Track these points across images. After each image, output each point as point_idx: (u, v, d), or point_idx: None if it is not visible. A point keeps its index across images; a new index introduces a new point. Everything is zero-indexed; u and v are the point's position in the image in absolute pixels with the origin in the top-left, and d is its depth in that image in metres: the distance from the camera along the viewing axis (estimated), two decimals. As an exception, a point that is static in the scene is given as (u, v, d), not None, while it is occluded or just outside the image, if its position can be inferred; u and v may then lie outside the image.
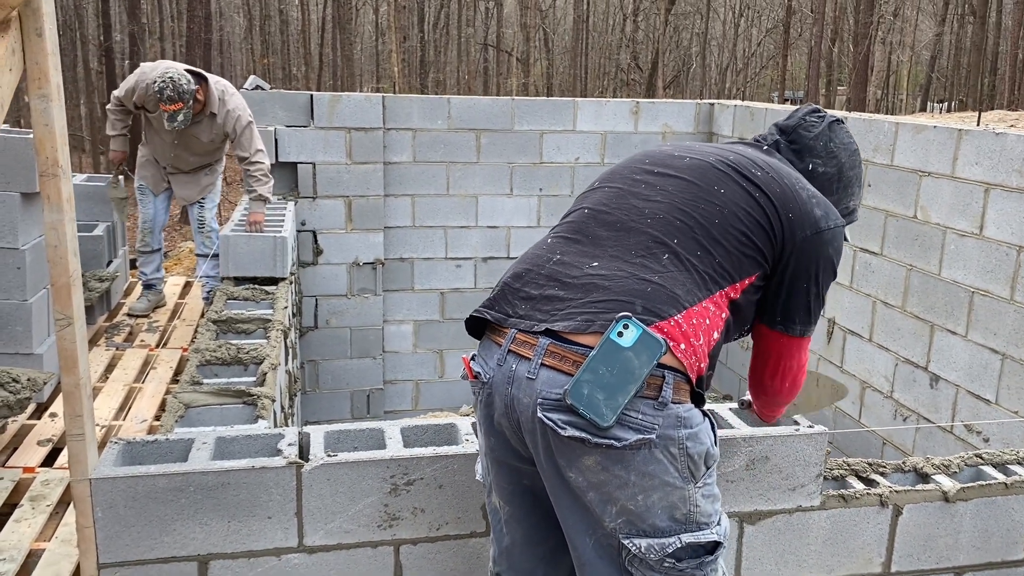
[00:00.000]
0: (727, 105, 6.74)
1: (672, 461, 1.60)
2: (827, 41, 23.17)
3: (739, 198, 1.79)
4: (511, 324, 1.69)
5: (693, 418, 1.63)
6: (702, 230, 1.74)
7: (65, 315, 1.95)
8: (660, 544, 1.61)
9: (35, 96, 1.84)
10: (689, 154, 1.90)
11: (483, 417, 1.76)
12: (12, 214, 3.90)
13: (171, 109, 4.73)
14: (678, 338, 1.60)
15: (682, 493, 1.62)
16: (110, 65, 17.13)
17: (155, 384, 4.39)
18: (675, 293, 1.65)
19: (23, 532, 2.99)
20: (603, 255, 1.72)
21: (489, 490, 1.88)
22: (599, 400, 1.53)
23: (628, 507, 1.60)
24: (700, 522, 1.65)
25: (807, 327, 1.89)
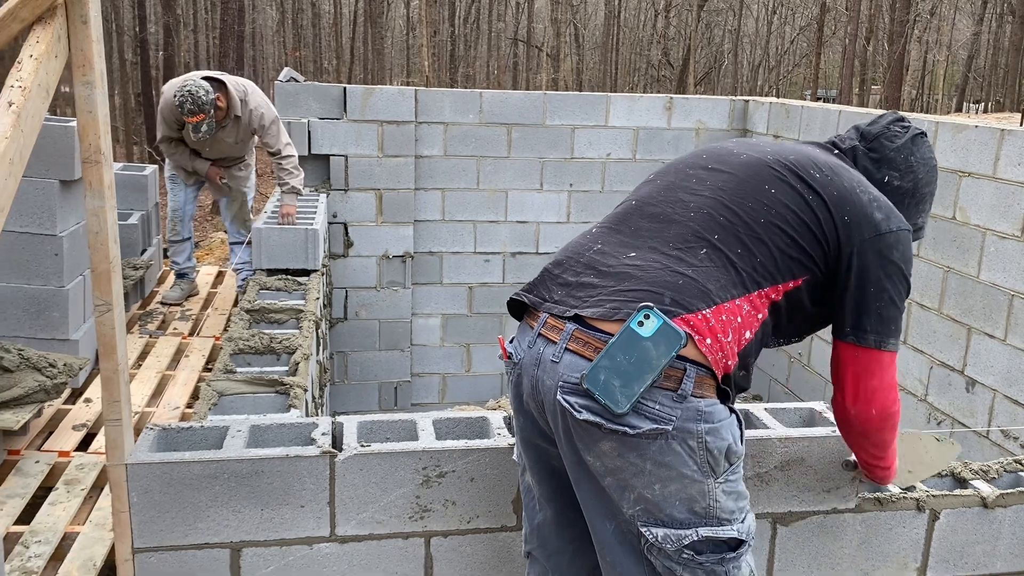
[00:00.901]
0: (762, 102, 6.67)
1: (691, 454, 1.59)
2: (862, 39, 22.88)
3: (789, 199, 1.76)
4: (545, 308, 1.72)
5: (716, 413, 1.61)
6: (745, 228, 1.72)
7: (105, 300, 1.97)
8: (677, 535, 1.61)
9: (79, 83, 1.85)
10: (748, 151, 1.86)
11: (513, 397, 1.80)
12: (51, 201, 3.95)
13: (194, 121, 4.82)
14: (704, 332, 1.60)
15: (701, 487, 1.61)
16: (144, 56, 17.32)
17: (188, 372, 4.43)
18: (707, 288, 1.64)
19: (58, 515, 3.03)
20: (642, 246, 1.73)
21: (523, 469, 1.92)
22: (615, 387, 1.55)
23: (645, 495, 1.61)
24: (720, 517, 1.64)
25: (882, 337, 1.78)
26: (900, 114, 2.03)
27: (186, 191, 5.48)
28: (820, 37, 24.01)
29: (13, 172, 1.59)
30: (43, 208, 3.95)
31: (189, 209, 5.58)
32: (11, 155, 1.58)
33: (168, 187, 5.49)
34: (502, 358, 1.82)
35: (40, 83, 1.69)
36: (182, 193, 5.48)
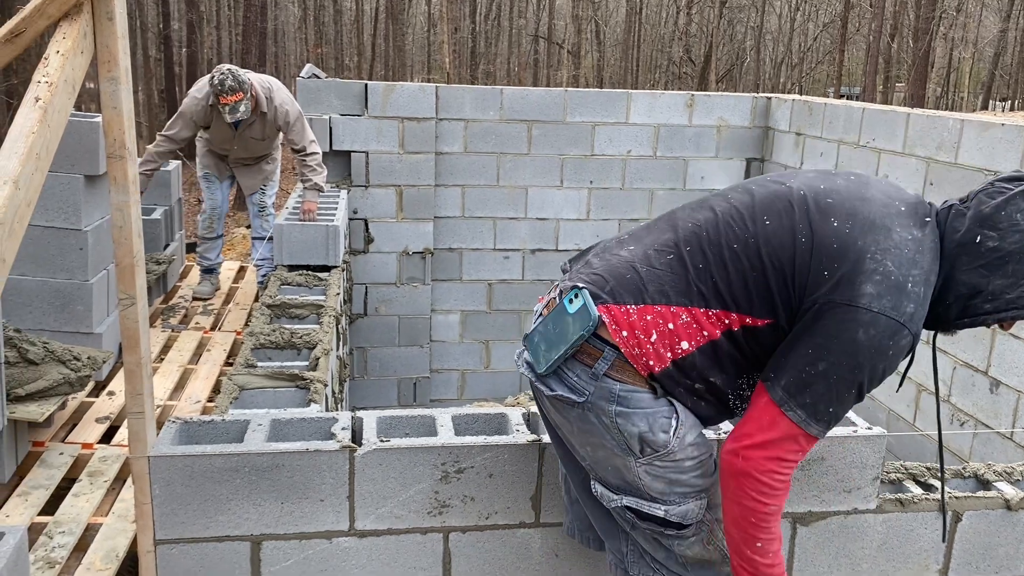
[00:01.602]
0: (784, 99, 6.62)
1: (606, 430, 1.72)
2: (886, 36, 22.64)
3: (780, 235, 1.68)
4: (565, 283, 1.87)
5: (634, 400, 1.70)
6: (716, 249, 1.73)
7: (129, 295, 1.99)
8: (609, 496, 1.80)
9: (105, 79, 1.87)
10: (798, 183, 1.76)
11: None
12: (76, 196, 3.99)
13: (232, 100, 4.80)
14: (621, 324, 1.70)
15: (624, 461, 1.74)
16: (168, 53, 17.46)
17: (209, 366, 4.47)
18: (644, 287, 1.73)
19: (81, 506, 3.06)
20: (638, 244, 1.83)
21: None
22: (541, 350, 1.76)
23: (582, 454, 1.81)
24: (647, 495, 1.75)
25: (794, 403, 1.60)
26: (1020, 172, 1.72)
27: (222, 189, 5.52)
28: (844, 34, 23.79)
29: (40, 167, 1.61)
30: (68, 203, 3.99)
31: (225, 207, 5.66)
32: (38, 150, 1.60)
33: (204, 186, 5.52)
34: None
35: (67, 79, 1.71)
36: (219, 192, 5.53)
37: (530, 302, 6.78)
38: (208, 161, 5.42)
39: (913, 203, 1.73)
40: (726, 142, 6.73)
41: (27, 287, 3.98)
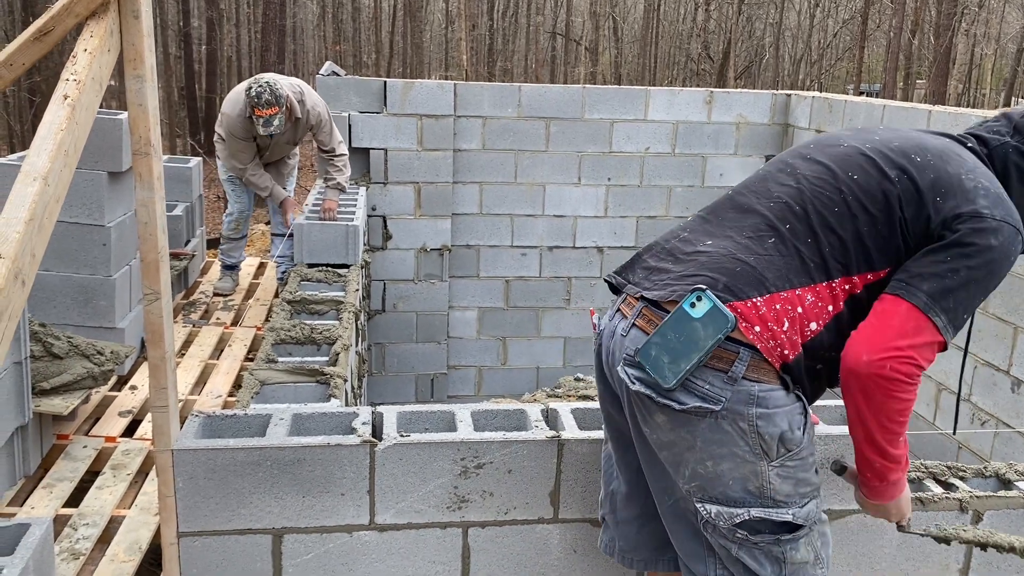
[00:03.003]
0: (804, 96, 6.59)
1: (742, 435, 1.62)
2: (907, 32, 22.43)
3: (874, 186, 1.69)
4: (626, 290, 1.80)
5: (772, 399, 1.62)
6: (819, 217, 1.69)
7: (153, 290, 2.01)
8: (729, 513, 1.65)
9: (131, 77, 1.90)
10: (851, 140, 1.80)
11: (596, 366, 1.89)
12: (99, 192, 4.04)
13: (266, 113, 4.78)
14: (752, 320, 1.61)
15: (754, 467, 1.64)
16: (188, 50, 17.58)
17: (230, 361, 4.51)
18: (763, 276, 1.65)
19: (105, 499, 3.10)
20: (719, 234, 1.76)
21: (607, 438, 1.99)
22: (664, 363, 1.62)
23: (698, 471, 1.66)
24: (776, 499, 1.65)
25: (936, 307, 1.61)
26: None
27: (248, 192, 5.57)
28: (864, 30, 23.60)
29: (68, 163, 1.64)
30: (92, 199, 4.04)
31: (251, 209, 5.73)
32: (66, 146, 1.63)
33: (229, 189, 5.55)
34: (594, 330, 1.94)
35: (94, 77, 1.73)
36: (245, 194, 5.58)
37: (547, 299, 6.79)
38: (232, 163, 5.44)
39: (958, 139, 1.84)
40: (745, 139, 6.70)
41: (51, 282, 4.04)
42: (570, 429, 2.29)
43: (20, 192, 1.51)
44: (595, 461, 2.25)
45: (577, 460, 2.24)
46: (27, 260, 1.48)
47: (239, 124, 5.01)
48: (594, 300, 6.83)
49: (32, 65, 1.82)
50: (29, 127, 13.11)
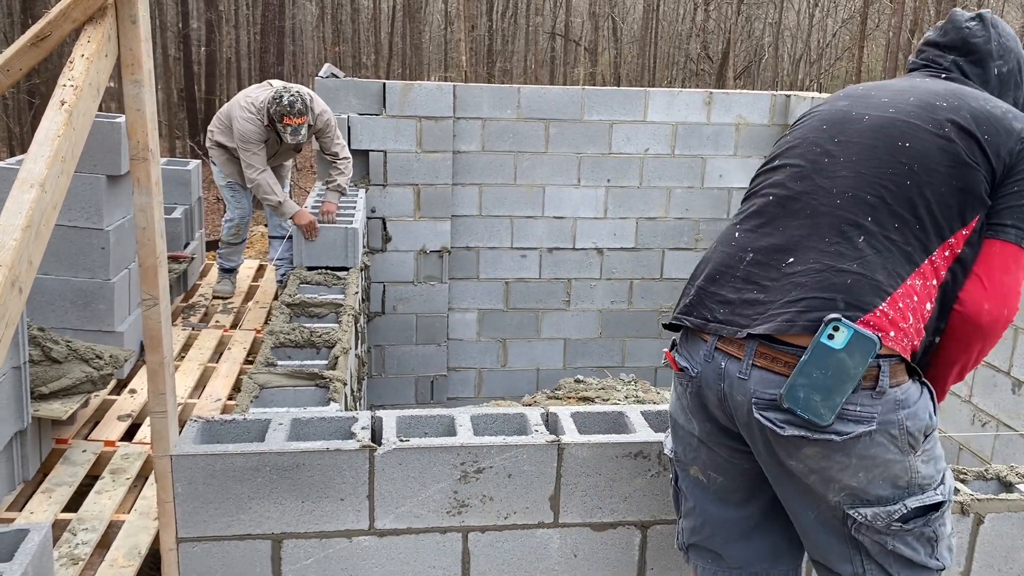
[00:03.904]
0: (803, 97, 6.58)
1: (893, 441, 1.62)
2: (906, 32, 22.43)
3: (930, 145, 1.68)
4: (712, 330, 1.72)
5: (910, 397, 1.64)
6: (896, 199, 1.66)
7: (152, 295, 2.01)
8: (886, 512, 1.65)
9: (128, 81, 1.89)
10: (868, 111, 1.78)
11: (695, 406, 1.81)
12: (98, 196, 4.03)
13: (296, 122, 4.85)
14: (886, 327, 1.59)
15: (903, 464, 1.64)
16: (187, 52, 17.56)
17: (229, 364, 4.50)
18: (876, 280, 1.62)
19: (104, 504, 3.10)
20: (796, 248, 1.69)
21: (684, 464, 1.93)
22: (816, 401, 1.57)
23: (850, 484, 1.64)
24: (923, 485, 1.67)
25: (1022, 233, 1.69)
26: (959, 11, 1.94)
27: (247, 196, 5.56)
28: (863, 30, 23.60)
29: (65, 169, 1.63)
30: (90, 203, 4.03)
31: (251, 213, 5.72)
32: (63, 152, 1.62)
33: (229, 195, 5.53)
34: (667, 365, 1.87)
35: (91, 82, 1.72)
36: (245, 199, 5.57)
37: (547, 301, 6.78)
38: (231, 169, 5.42)
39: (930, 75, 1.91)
40: (745, 140, 6.69)
41: (50, 286, 4.03)
42: (570, 433, 2.28)
43: (17, 199, 1.51)
44: (595, 464, 2.25)
45: (577, 464, 2.24)
46: (24, 267, 1.48)
47: (256, 131, 4.99)
48: (594, 301, 6.83)
49: (29, 70, 1.81)
50: (28, 129, 13.10)
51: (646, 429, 2.34)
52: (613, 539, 2.31)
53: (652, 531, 2.32)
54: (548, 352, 6.91)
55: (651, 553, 2.33)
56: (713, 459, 1.85)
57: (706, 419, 1.80)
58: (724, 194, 6.77)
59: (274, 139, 5.10)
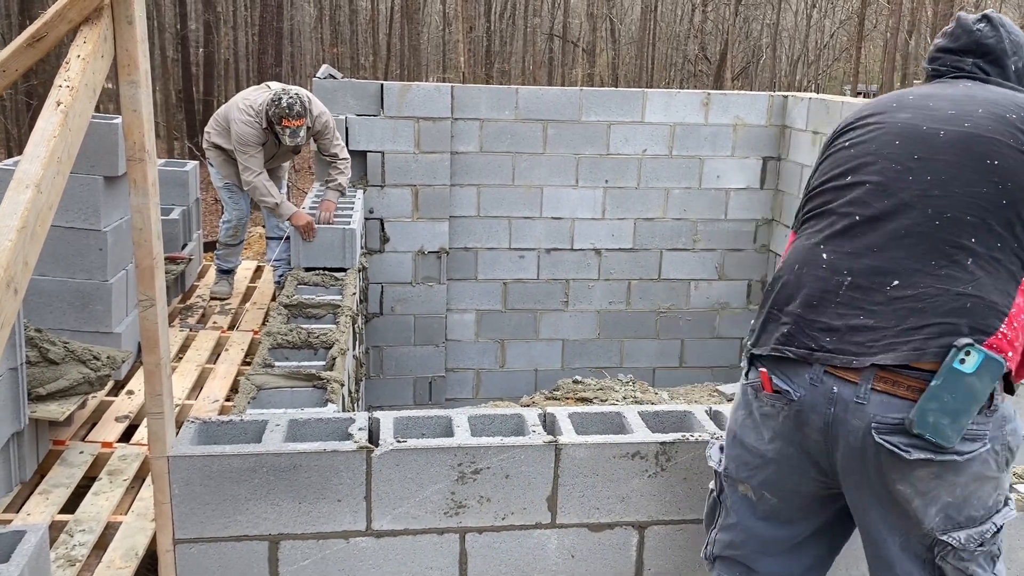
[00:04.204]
0: (801, 98, 6.58)
1: (995, 458, 1.66)
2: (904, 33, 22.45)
3: (1014, 162, 1.68)
4: (819, 360, 1.71)
5: (1008, 409, 1.67)
6: (995, 218, 1.67)
7: (148, 296, 2.01)
8: (979, 532, 1.68)
9: (124, 82, 1.89)
10: (940, 125, 1.76)
11: (785, 429, 1.78)
12: (95, 197, 4.03)
13: (295, 124, 4.85)
14: (1005, 348, 1.63)
15: (996, 481, 1.69)
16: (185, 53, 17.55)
17: (227, 365, 4.50)
18: (992, 301, 1.63)
19: (101, 505, 3.09)
20: (900, 271, 1.68)
21: (734, 480, 1.92)
22: (944, 425, 1.59)
23: (950, 502, 1.67)
24: (1005, 501, 1.72)
25: None
26: (964, 15, 1.96)
27: (245, 198, 5.55)
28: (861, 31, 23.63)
29: (61, 170, 1.63)
30: (88, 204, 4.03)
31: (249, 215, 5.72)
32: (59, 154, 1.62)
33: (227, 196, 5.52)
34: (760, 389, 1.81)
35: (87, 83, 1.72)
36: (243, 200, 5.56)
37: (545, 301, 6.78)
38: (228, 170, 5.41)
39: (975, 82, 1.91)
40: (742, 141, 6.70)
41: (47, 287, 4.02)
42: (568, 434, 2.28)
43: (12, 200, 1.50)
44: (593, 465, 2.25)
45: (575, 465, 2.24)
46: (19, 268, 1.48)
47: (254, 133, 4.98)
48: (592, 302, 6.83)
49: (26, 71, 1.81)
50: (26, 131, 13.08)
51: (643, 430, 2.34)
52: (610, 539, 2.31)
53: (649, 531, 2.32)
54: (546, 353, 6.91)
55: (648, 553, 2.34)
56: (776, 481, 1.84)
57: (791, 443, 1.78)
58: (722, 195, 6.77)
59: (272, 141, 5.09)
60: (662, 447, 2.27)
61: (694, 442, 2.29)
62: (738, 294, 6.99)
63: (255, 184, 4.97)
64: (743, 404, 1.89)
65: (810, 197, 1.91)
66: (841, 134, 1.93)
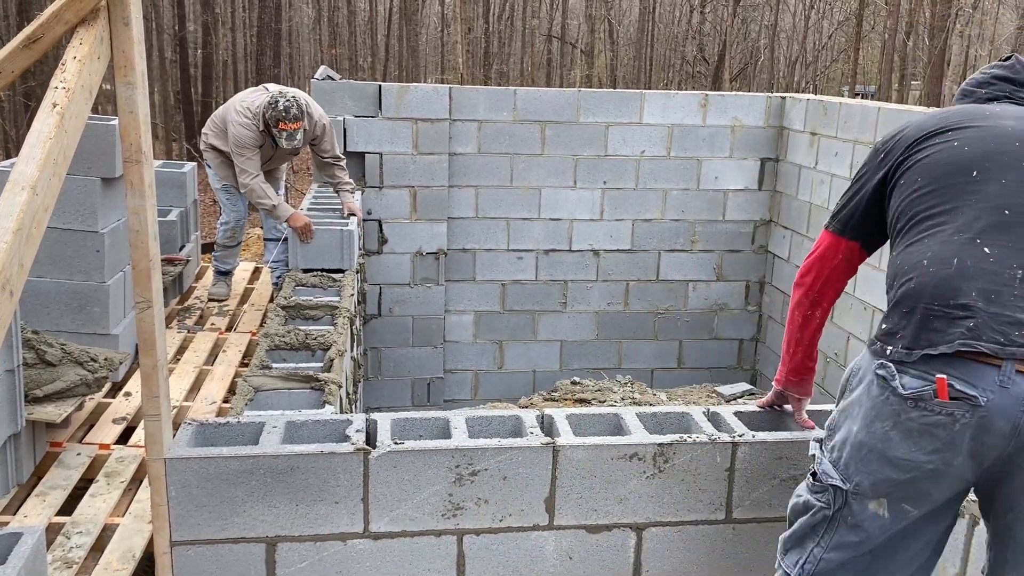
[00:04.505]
0: (799, 99, 6.59)
1: None
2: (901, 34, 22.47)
3: None
4: (1010, 354, 1.65)
5: None
6: None
7: (145, 298, 2.00)
8: None
9: (121, 84, 1.89)
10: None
11: (960, 438, 1.71)
12: (93, 199, 4.02)
13: (292, 127, 4.84)
14: None
15: None
16: (183, 54, 17.55)
17: (224, 367, 4.49)
18: None
19: (98, 507, 3.08)
20: None
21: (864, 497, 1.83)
22: None
23: None
24: None
25: None
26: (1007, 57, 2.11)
27: (243, 199, 5.55)
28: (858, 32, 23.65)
29: (57, 172, 1.63)
30: (85, 205, 4.02)
31: (246, 216, 5.70)
32: (55, 156, 1.62)
33: (224, 198, 5.51)
34: (929, 397, 1.71)
35: (83, 84, 1.72)
36: (241, 202, 5.55)
37: (544, 302, 6.78)
38: (226, 172, 5.40)
39: None
40: (740, 142, 6.70)
41: (44, 289, 4.02)
42: (565, 435, 2.28)
43: (8, 202, 1.50)
44: (590, 467, 2.24)
45: (572, 466, 2.24)
46: (15, 270, 1.47)
47: (251, 136, 4.97)
48: (590, 303, 6.83)
49: (22, 73, 1.81)
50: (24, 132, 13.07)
51: (641, 431, 2.33)
52: (608, 541, 2.30)
53: (647, 533, 2.32)
54: (544, 354, 6.91)
55: (646, 555, 2.33)
56: (926, 492, 1.79)
57: (959, 451, 1.71)
58: (720, 196, 6.77)
59: (269, 144, 5.09)
60: (660, 449, 2.26)
61: (692, 443, 2.28)
62: (736, 295, 7.00)
63: (252, 187, 4.97)
64: (884, 415, 1.75)
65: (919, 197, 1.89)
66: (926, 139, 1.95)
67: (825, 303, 2.14)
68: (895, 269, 1.86)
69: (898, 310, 1.79)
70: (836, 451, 1.86)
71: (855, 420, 1.81)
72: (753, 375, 7.16)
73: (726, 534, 2.35)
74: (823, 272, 2.10)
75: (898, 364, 1.73)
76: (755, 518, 2.34)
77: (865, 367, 1.82)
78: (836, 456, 1.85)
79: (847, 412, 1.85)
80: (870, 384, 1.78)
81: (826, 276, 2.11)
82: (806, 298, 2.13)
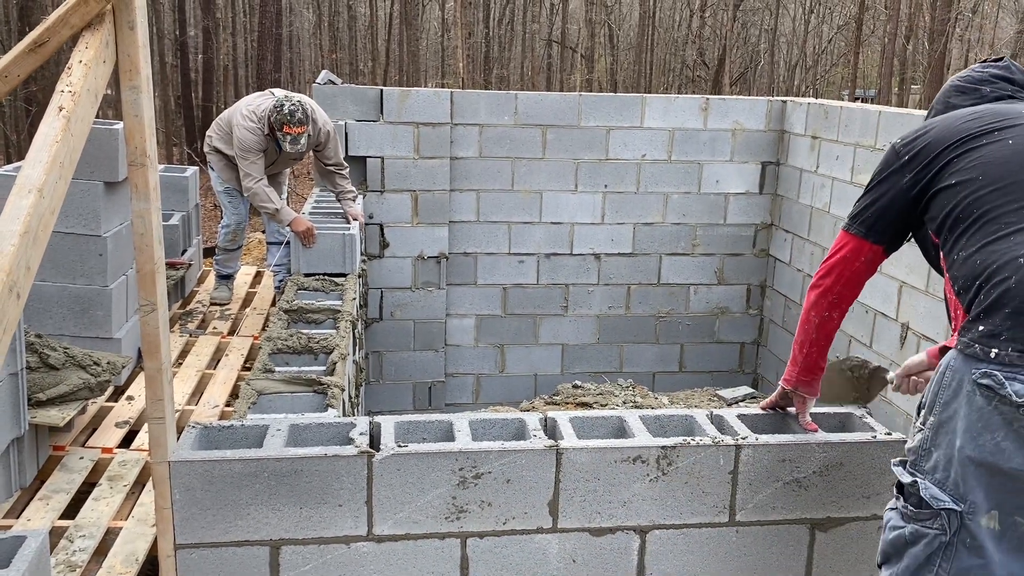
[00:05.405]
0: (800, 103, 6.60)
1: None
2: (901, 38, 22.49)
3: None
4: None
5: None
6: None
7: (149, 301, 2.01)
8: None
9: (126, 88, 1.89)
10: None
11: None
12: (95, 202, 4.03)
13: (296, 131, 4.85)
14: None
15: None
16: (184, 59, 17.57)
17: (227, 371, 4.50)
18: None
19: (101, 510, 3.09)
20: None
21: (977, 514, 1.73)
22: None
23: None
24: None
25: None
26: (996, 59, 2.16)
27: (244, 202, 5.56)
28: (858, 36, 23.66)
29: (63, 175, 1.63)
30: (88, 209, 4.03)
31: (247, 219, 5.71)
32: (61, 158, 1.62)
33: (227, 201, 5.52)
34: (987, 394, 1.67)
35: (89, 88, 1.73)
36: (243, 205, 5.57)
37: (545, 306, 6.78)
38: (229, 175, 5.41)
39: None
40: (741, 146, 6.71)
41: (47, 293, 4.02)
42: (569, 438, 2.28)
43: (15, 204, 1.51)
44: (594, 469, 2.25)
45: (576, 469, 2.24)
46: (22, 272, 1.48)
47: (256, 140, 4.98)
48: (591, 307, 6.83)
49: (27, 76, 1.81)
50: (26, 136, 13.09)
51: (645, 434, 2.34)
52: (612, 544, 2.30)
53: (651, 536, 2.32)
54: (546, 358, 6.91)
55: (649, 558, 2.33)
56: None
57: None
58: (721, 199, 6.78)
59: (273, 148, 5.10)
60: (663, 451, 2.27)
61: (695, 446, 2.29)
62: (737, 298, 7.00)
63: (255, 191, 4.97)
64: (993, 426, 1.67)
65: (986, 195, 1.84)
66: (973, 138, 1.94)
67: (844, 305, 2.15)
68: (974, 268, 1.78)
69: (999, 311, 1.70)
70: (940, 471, 1.75)
71: (956, 435, 1.72)
72: (754, 379, 7.16)
73: (730, 537, 2.35)
74: (844, 274, 2.11)
75: (1008, 368, 1.66)
76: (759, 521, 2.34)
77: (959, 378, 1.73)
78: (941, 477, 1.75)
79: (943, 428, 1.75)
80: (971, 395, 1.70)
81: (847, 278, 2.11)
82: (824, 300, 2.14)
